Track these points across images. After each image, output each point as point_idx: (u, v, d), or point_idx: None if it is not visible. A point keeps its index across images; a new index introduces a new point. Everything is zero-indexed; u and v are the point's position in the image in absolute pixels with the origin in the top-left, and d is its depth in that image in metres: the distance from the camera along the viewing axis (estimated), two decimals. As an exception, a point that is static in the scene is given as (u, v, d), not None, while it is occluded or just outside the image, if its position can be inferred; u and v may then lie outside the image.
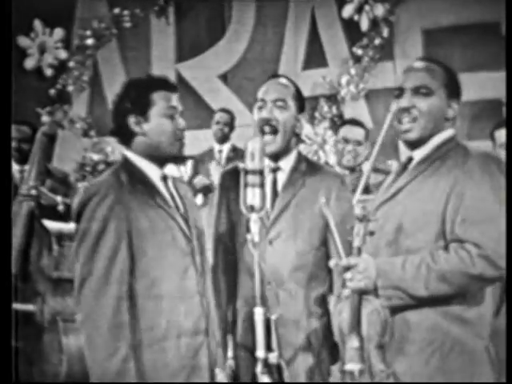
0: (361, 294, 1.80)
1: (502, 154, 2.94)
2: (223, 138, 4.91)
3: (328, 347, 2.14)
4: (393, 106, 1.95)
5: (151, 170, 1.97)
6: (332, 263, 1.87)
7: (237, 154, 4.83)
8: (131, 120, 1.95)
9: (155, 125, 1.94)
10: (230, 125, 4.95)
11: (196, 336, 1.92)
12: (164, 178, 1.99)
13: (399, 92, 1.93)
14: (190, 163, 5.04)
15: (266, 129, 2.17)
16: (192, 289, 1.93)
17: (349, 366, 1.77)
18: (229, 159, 4.81)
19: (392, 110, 1.96)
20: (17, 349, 2.76)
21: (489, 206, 1.79)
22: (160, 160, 1.98)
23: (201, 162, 4.90)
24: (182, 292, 1.91)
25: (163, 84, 2.00)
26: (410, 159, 1.97)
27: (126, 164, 1.97)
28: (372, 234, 1.82)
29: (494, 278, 1.80)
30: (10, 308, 2.47)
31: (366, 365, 1.77)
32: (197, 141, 5.27)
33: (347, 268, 1.81)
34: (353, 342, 1.77)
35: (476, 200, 1.79)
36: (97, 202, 1.86)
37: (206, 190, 4.59)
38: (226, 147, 4.92)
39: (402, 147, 4.15)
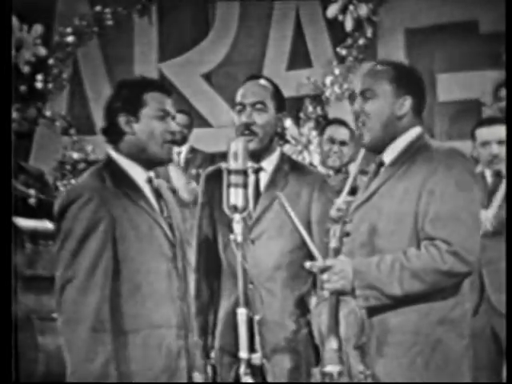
0: (338, 295, 1.81)
1: (482, 152, 2.96)
2: (181, 140, 4.90)
3: (310, 347, 2.13)
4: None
5: (137, 172, 1.95)
6: (308, 265, 1.87)
7: (195, 155, 4.83)
8: (121, 119, 1.93)
9: (145, 125, 1.93)
10: (189, 126, 4.93)
11: (177, 340, 1.91)
12: (150, 181, 1.97)
13: (353, 99, 2.00)
14: None
15: (246, 133, 2.17)
16: (173, 294, 1.92)
17: (328, 368, 1.78)
18: (187, 161, 4.79)
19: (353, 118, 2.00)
20: None
21: (455, 202, 1.82)
22: (146, 162, 1.96)
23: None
24: (164, 297, 1.90)
25: (157, 86, 1.98)
26: (382, 162, 1.99)
27: (110, 165, 1.95)
28: (348, 235, 1.84)
29: (463, 273, 1.83)
30: (9, 308, 2.41)
31: (345, 366, 1.77)
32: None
33: (324, 269, 1.82)
34: (331, 344, 1.79)
35: (443, 197, 1.82)
36: (80, 204, 1.84)
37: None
38: (185, 149, 4.91)
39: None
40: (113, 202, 1.86)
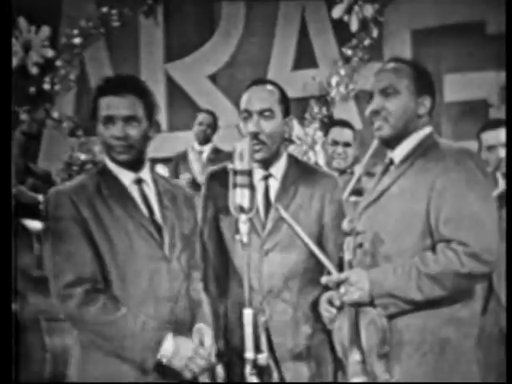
0: (357, 306, 1.80)
1: (489, 155, 2.94)
2: (205, 139, 4.91)
3: (326, 351, 2.13)
4: (366, 111, 1.96)
5: (124, 175, 1.95)
6: (324, 280, 1.85)
7: (218, 155, 4.82)
8: (97, 127, 1.94)
9: (100, 132, 1.92)
10: (213, 126, 4.94)
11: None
12: (138, 182, 1.97)
13: (370, 96, 1.95)
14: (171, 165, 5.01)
15: (254, 142, 2.11)
16: (161, 294, 1.90)
17: (353, 380, 1.77)
18: (210, 160, 4.80)
19: (366, 115, 1.97)
20: None
21: (469, 202, 1.79)
22: (131, 164, 1.95)
23: (181, 161, 4.90)
24: (147, 298, 1.88)
25: (107, 88, 1.92)
26: (391, 161, 1.97)
27: (103, 169, 1.97)
28: (361, 246, 1.83)
29: (483, 274, 1.80)
30: (9, 308, 2.43)
31: (370, 377, 1.76)
32: (186, 141, 5.24)
33: (339, 282, 1.81)
34: (354, 356, 1.77)
35: (456, 198, 1.79)
36: (54, 208, 1.87)
37: (192, 186, 4.59)
38: (208, 148, 4.91)
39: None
40: (88, 205, 1.88)
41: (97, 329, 1.84)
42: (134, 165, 1.95)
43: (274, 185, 2.20)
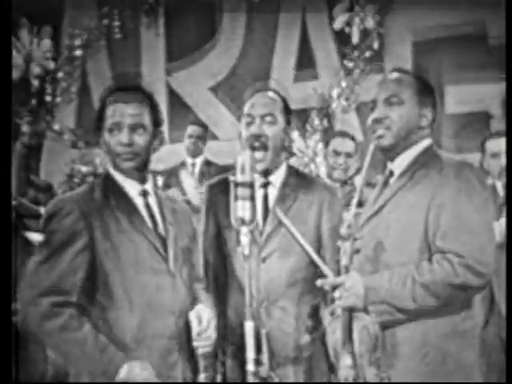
0: (351, 311, 1.80)
1: (493, 163, 2.96)
2: (196, 152, 4.91)
3: (323, 360, 2.12)
4: (368, 119, 1.96)
5: (130, 186, 1.95)
6: (319, 283, 1.87)
7: (210, 167, 4.82)
8: (102, 137, 1.94)
9: (105, 140, 1.92)
10: (203, 138, 4.94)
11: (169, 355, 1.89)
12: (144, 194, 1.96)
13: (373, 105, 1.96)
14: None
15: (256, 145, 2.14)
16: (165, 308, 1.90)
17: None
18: (202, 173, 4.79)
19: (368, 125, 1.97)
20: None
21: (467, 214, 1.80)
22: (136, 175, 1.94)
23: (172, 176, 4.90)
24: (152, 311, 1.87)
25: (114, 96, 1.93)
26: (391, 173, 1.98)
27: (107, 179, 1.96)
28: (358, 251, 1.84)
29: (478, 287, 1.80)
30: (10, 309, 2.42)
31: (359, 382, 1.76)
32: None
33: (335, 287, 1.82)
34: (345, 360, 1.78)
35: (454, 209, 1.80)
36: (60, 217, 1.85)
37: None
38: (199, 161, 4.91)
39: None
40: (96, 215, 1.86)
41: (56, 345, 1.82)
42: (139, 175, 1.95)
43: (273, 192, 2.21)
